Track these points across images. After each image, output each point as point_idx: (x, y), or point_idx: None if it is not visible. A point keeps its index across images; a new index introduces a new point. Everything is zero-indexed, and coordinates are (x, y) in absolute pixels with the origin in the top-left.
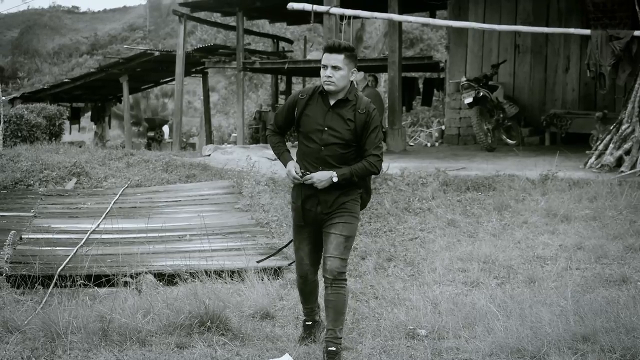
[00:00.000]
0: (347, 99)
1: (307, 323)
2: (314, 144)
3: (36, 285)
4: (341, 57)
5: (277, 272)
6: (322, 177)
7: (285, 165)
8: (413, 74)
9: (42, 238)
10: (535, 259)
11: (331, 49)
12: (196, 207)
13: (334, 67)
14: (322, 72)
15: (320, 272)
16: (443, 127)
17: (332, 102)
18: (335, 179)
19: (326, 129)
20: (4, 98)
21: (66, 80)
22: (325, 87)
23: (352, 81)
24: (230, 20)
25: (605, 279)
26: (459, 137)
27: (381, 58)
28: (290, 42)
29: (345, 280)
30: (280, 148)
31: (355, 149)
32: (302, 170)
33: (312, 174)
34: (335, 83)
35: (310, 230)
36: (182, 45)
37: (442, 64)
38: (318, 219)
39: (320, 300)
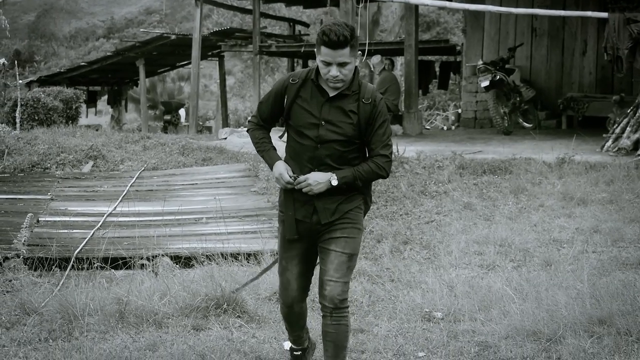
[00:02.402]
0: (349, 89)
1: (295, 353)
2: (307, 140)
3: (53, 267)
4: (347, 50)
5: None
6: (319, 178)
7: (271, 166)
8: (429, 58)
9: (59, 221)
10: (551, 242)
11: (335, 44)
12: (212, 190)
13: (342, 64)
14: (323, 68)
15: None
16: (459, 111)
17: (331, 94)
18: (334, 182)
19: (323, 123)
20: (20, 81)
21: (83, 63)
22: (332, 85)
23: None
24: (247, 4)
25: (621, 262)
26: (476, 121)
27: (398, 41)
28: (306, 25)
29: (348, 307)
30: (265, 145)
31: (358, 146)
32: (295, 174)
33: (307, 176)
34: (344, 80)
35: (303, 247)
36: (198, 28)
37: (458, 47)
38: (313, 231)
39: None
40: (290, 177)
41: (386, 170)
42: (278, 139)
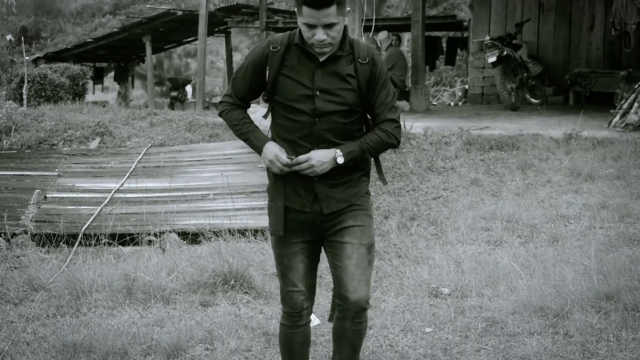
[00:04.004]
0: (342, 49)
1: None
2: (302, 115)
3: (61, 243)
4: (334, 9)
5: None
6: (323, 157)
7: (259, 149)
8: (436, 33)
9: (66, 197)
10: (558, 218)
11: (319, 3)
12: (219, 167)
13: (328, 26)
14: (306, 32)
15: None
16: (466, 87)
17: (321, 58)
18: (340, 160)
19: (318, 93)
20: (27, 58)
21: (89, 40)
22: (318, 50)
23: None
24: None
25: (629, 238)
26: (483, 97)
27: (404, 17)
28: None
29: (368, 308)
30: (247, 126)
31: (360, 115)
32: (290, 156)
33: (308, 155)
34: (331, 44)
35: (305, 239)
36: (204, 4)
37: (465, 23)
38: (316, 224)
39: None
40: (291, 159)
41: (397, 138)
42: (262, 119)
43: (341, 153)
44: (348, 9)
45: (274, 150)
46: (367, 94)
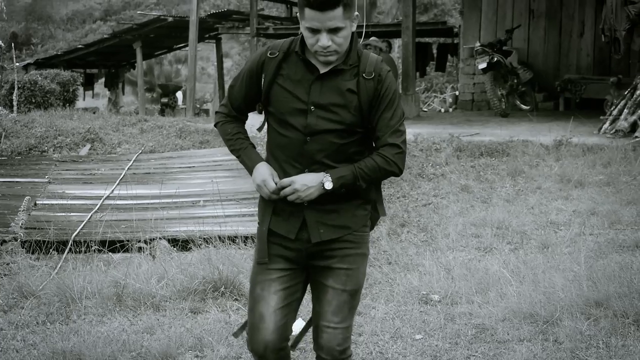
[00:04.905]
0: (345, 62)
1: None
2: (293, 132)
3: (51, 250)
4: (339, 11)
5: None
6: (309, 181)
7: (251, 170)
8: (427, 40)
9: (56, 204)
10: (548, 225)
11: (323, 4)
12: (210, 173)
13: (333, 30)
14: (310, 38)
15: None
16: (457, 93)
17: (322, 70)
18: (328, 186)
19: (312, 108)
20: (17, 64)
21: (80, 46)
22: (322, 59)
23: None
24: None
25: (618, 245)
26: (473, 103)
27: (395, 23)
28: None
29: (350, 357)
30: (240, 142)
31: (361, 137)
32: (277, 181)
33: (292, 179)
34: (337, 51)
35: (286, 269)
36: (195, 10)
37: (456, 29)
38: (301, 254)
39: None
40: (276, 184)
41: (397, 165)
42: (257, 132)
43: (330, 178)
44: (356, 13)
45: (263, 174)
46: (369, 113)
